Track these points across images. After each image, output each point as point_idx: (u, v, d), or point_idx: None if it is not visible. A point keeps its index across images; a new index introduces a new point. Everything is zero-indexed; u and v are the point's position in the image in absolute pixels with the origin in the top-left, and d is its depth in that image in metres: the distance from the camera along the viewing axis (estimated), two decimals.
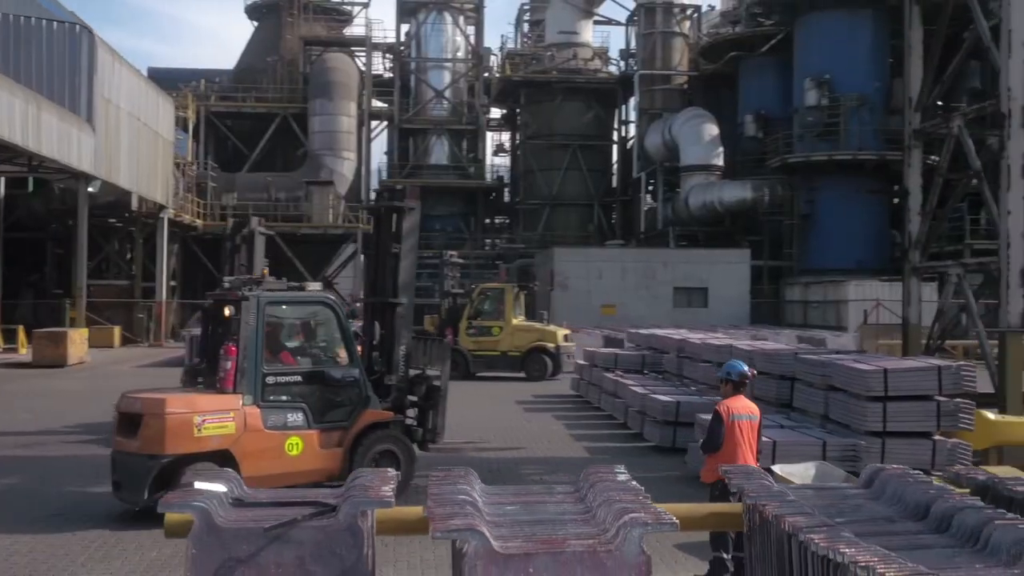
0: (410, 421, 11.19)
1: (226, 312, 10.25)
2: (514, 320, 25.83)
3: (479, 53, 57.24)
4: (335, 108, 51.20)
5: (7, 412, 17.51)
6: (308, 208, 46.72)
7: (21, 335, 30.82)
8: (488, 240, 58.33)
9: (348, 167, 51.74)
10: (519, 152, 60.31)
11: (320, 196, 46.80)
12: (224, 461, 8.95)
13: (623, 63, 58.32)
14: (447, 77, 56.43)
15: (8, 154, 28.65)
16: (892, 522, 4.36)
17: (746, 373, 7.83)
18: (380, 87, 56.92)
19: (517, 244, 54.52)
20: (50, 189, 37.77)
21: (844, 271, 40.60)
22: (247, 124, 54.55)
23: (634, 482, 4.53)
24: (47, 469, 12.25)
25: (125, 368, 26.91)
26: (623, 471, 4.73)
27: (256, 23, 57.99)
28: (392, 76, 56.51)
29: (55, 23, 31.13)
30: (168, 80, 47.17)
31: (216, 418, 9.45)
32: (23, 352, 29.67)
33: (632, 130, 57.26)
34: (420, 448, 11.15)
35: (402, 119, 55.28)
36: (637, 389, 15.92)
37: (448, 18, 56.17)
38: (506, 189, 61.82)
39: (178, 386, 13.38)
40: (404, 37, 57.12)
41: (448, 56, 56.47)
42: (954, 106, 20.02)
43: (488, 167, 60.46)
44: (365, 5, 58.43)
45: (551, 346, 25.64)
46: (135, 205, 36.57)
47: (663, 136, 49.36)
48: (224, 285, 11.14)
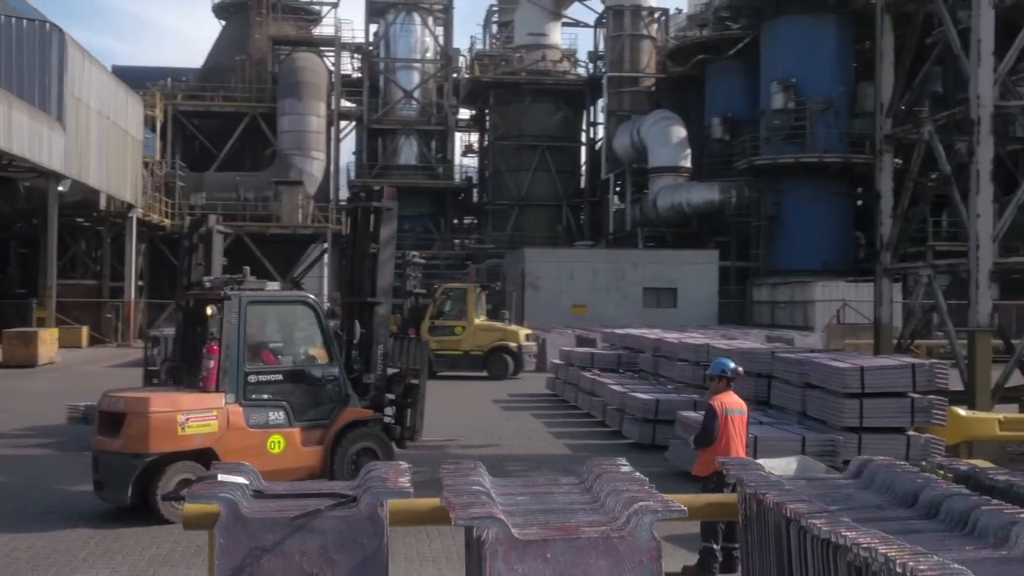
0: (388, 419, 11.34)
1: (208, 311, 10.30)
2: (476, 320, 26.06)
3: (448, 54, 57.23)
4: (304, 108, 51.07)
5: None
6: (277, 208, 46.57)
7: None
8: (457, 240, 58.30)
9: (317, 167, 51.62)
10: (488, 153, 60.41)
11: (289, 196, 46.68)
12: (207, 459, 8.95)
13: (591, 65, 58.55)
14: (416, 78, 56.35)
15: None
16: (883, 509, 4.53)
17: (736, 369, 8.20)
18: (349, 87, 56.72)
19: (486, 244, 54.64)
20: (15, 188, 37.27)
21: (810, 272, 41.02)
22: (215, 123, 54.10)
23: (638, 473, 4.73)
24: (32, 468, 12.22)
25: (96, 368, 26.74)
26: (625, 463, 4.91)
27: (224, 22, 57.45)
28: (361, 76, 56.36)
29: (24, 21, 30.82)
30: (133, 78, 46.46)
31: (199, 416, 9.52)
32: None
33: (600, 132, 57.56)
34: (398, 446, 11.27)
35: (371, 119, 55.09)
36: (616, 387, 16.07)
37: (417, 19, 56.08)
38: (475, 190, 61.94)
39: (155, 385, 13.41)
40: (373, 37, 56.96)
41: (417, 56, 56.40)
42: (916, 110, 20.37)
43: (457, 168, 60.61)
44: (334, 5, 58.44)
45: (513, 345, 25.93)
46: (104, 204, 36.29)
47: (631, 138, 49.62)
48: (205, 284, 11.17)
